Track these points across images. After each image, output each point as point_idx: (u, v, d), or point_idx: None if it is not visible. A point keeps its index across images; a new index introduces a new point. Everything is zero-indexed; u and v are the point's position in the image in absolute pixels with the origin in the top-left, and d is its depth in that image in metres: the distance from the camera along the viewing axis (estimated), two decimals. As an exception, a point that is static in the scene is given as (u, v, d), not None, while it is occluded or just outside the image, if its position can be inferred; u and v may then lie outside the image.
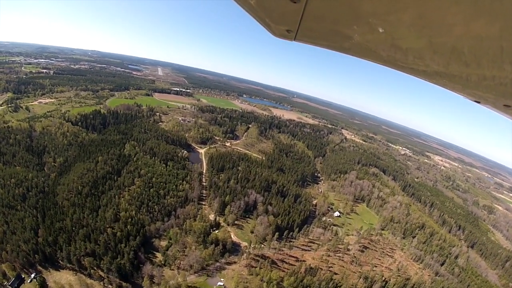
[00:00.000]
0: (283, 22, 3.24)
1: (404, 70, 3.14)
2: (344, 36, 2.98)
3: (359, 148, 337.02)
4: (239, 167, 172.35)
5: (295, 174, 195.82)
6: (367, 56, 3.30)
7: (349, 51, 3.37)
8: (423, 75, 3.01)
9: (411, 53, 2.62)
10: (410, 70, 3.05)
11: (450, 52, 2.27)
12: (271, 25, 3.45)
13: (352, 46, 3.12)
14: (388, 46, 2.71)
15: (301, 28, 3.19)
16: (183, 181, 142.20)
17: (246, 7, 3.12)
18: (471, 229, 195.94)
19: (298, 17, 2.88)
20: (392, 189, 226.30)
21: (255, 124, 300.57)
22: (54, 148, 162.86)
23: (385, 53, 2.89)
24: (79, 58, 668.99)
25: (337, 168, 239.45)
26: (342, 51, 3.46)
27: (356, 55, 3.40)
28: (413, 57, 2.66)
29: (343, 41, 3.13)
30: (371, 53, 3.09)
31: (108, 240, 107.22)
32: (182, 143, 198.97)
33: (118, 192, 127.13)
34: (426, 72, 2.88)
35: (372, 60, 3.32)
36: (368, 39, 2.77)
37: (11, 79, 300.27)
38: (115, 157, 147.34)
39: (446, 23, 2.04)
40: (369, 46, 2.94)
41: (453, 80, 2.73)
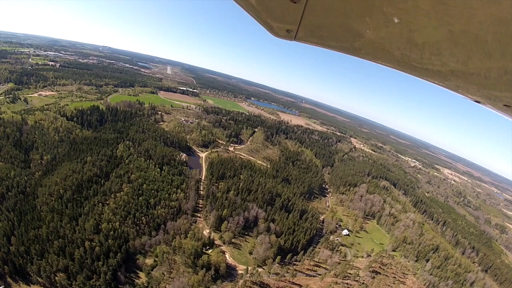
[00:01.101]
0: (283, 22, 3.23)
1: (417, 72, 3.00)
2: (353, 35, 2.86)
3: (369, 159, 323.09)
4: (241, 176, 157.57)
5: (302, 185, 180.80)
6: (378, 57, 3.17)
7: (358, 52, 3.24)
8: (437, 77, 2.87)
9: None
10: (424, 71, 2.88)
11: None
12: (271, 25, 3.45)
13: (363, 45, 2.98)
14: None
15: (301, 28, 3.17)
16: (178, 189, 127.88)
17: (246, 7, 3.11)
18: (485, 251, 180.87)
19: (298, 17, 2.86)
20: (404, 204, 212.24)
21: (261, 128, 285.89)
22: (43, 144, 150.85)
23: (399, 52, 2.75)
24: (88, 53, 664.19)
25: (346, 180, 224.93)
26: (347, 52, 3.40)
27: (366, 56, 3.29)
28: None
29: (351, 40, 3.01)
30: (383, 53, 2.95)
31: (85, 256, 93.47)
32: (182, 145, 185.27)
33: (103, 199, 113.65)
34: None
35: (384, 61, 3.20)
36: (382, 34, 2.60)
37: (15, 69, 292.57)
38: (105, 158, 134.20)
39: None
40: (382, 44, 2.79)
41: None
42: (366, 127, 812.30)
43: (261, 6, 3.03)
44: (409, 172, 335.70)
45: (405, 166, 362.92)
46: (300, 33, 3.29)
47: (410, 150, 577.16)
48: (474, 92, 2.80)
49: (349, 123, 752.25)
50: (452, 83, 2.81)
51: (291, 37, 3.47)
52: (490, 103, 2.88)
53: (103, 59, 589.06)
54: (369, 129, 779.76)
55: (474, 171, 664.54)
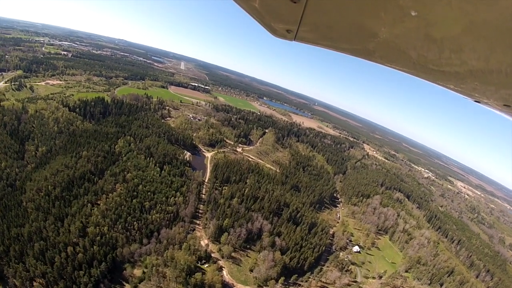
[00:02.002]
0: (283, 22, 3.21)
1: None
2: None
3: (382, 167, 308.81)
4: (248, 181, 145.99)
5: (312, 194, 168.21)
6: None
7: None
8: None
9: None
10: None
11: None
12: (271, 25, 3.44)
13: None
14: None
15: (301, 28, 3.13)
16: (177, 192, 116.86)
17: (246, 7, 3.10)
18: (500, 275, 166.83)
19: (298, 17, 2.82)
20: (418, 219, 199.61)
21: (272, 129, 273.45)
22: (40, 134, 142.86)
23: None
24: (103, 45, 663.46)
25: (359, 189, 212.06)
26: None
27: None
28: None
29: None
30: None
31: (66, 262, 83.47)
32: (187, 143, 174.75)
33: (94, 199, 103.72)
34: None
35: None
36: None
37: (26, 57, 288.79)
38: (102, 154, 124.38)
39: None
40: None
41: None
42: (378, 133, 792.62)
43: (261, 6, 2.96)
44: (422, 183, 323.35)
45: (419, 177, 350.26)
46: (300, 33, 3.25)
47: (422, 160, 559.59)
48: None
49: (361, 128, 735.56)
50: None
51: (291, 37, 3.46)
52: (490, 103, 2.79)
53: (117, 52, 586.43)
54: (382, 135, 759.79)
55: (487, 185, 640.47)
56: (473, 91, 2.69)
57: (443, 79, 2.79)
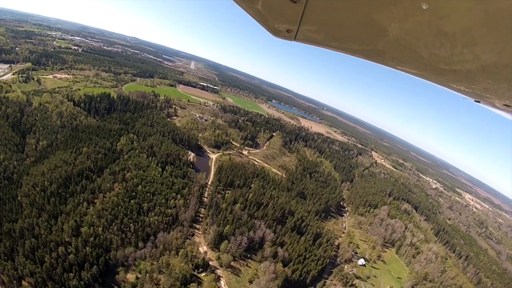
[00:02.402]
0: (283, 22, 3.20)
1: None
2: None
3: (390, 176, 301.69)
4: (252, 185, 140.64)
5: (318, 202, 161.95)
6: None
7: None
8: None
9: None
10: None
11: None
12: (271, 25, 3.42)
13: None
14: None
15: (301, 28, 3.11)
16: (178, 195, 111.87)
17: (246, 7, 3.07)
18: None
19: (298, 17, 2.80)
20: (425, 232, 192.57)
21: (280, 133, 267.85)
22: (42, 128, 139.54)
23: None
24: (115, 42, 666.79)
25: (366, 199, 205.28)
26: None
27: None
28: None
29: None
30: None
31: (56, 263, 79.07)
32: (192, 144, 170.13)
33: (90, 198, 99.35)
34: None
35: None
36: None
37: (36, 50, 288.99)
38: (102, 151, 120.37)
39: None
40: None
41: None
42: (386, 141, 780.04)
43: (260, 6, 2.94)
44: (430, 194, 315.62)
45: (427, 188, 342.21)
46: (300, 33, 3.23)
47: (431, 170, 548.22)
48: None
49: (369, 135, 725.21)
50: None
51: (291, 37, 3.44)
52: (493, 102, 2.71)
53: (128, 49, 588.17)
54: (390, 143, 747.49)
55: (494, 198, 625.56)
56: (485, 91, 2.56)
57: (454, 80, 2.68)
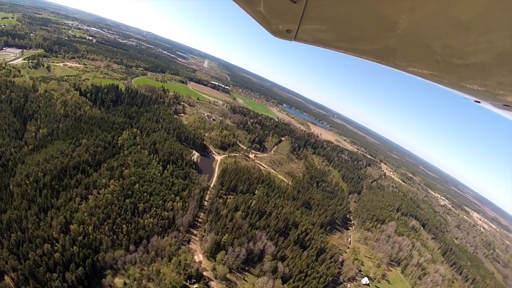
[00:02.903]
0: (283, 22, 3.17)
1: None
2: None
3: (399, 190, 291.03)
4: (256, 191, 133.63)
5: (324, 213, 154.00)
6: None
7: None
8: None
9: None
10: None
11: None
12: (271, 25, 3.41)
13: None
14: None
15: (301, 28, 3.08)
16: (177, 196, 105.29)
17: (245, 7, 3.05)
18: None
19: (298, 17, 2.77)
20: (432, 252, 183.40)
21: (289, 138, 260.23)
22: (45, 116, 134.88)
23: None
24: (130, 35, 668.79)
25: (374, 213, 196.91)
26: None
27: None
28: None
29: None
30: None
31: (40, 260, 73.13)
32: (197, 143, 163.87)
33: (84, 193, 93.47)
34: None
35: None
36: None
37: (50, 37, 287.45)
38: (102, 144, 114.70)
39: None
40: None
41: None
42: (395, 153, 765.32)
43: (260, 6, 2.91)
44: (438, 211, 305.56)
45: (435, 204, 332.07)
46: (300, 33, 3.20)
47: (439, 186, 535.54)
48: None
49: (378, 145, 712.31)
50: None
51: (291, 37, 3.42)
52: (490, 102, 2.64)
53: (143, 43, 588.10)
54: (399, 155, 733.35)
55: (502, 219, 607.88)
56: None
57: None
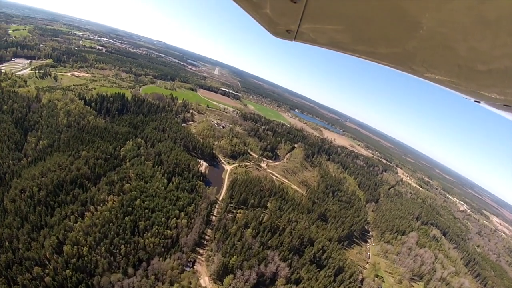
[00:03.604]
0: (283, 22, 3.15)
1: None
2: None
3: (417, 196, 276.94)
4: (268, 204, 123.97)
5: (341, 226, 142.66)
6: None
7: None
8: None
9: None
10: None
11: None
12: (271, 25, 3.39)
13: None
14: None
15: (301, 28, 3.07)
16: (182, 212, 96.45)
17: (245, 7, 3.05)
18: None
19: (298, 17, 2.77)
20: (455, 263, 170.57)
21: (302, 145, 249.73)
22: (46, 126, 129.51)
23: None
24: (141, 44, 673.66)
25: (393, 223, 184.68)
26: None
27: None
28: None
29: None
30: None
31: (29, 284, 65.44)
32: (205, 152, 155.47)
33: (80, 210, 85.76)
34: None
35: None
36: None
37: (60, 48, 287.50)
38: (103, 156, 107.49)
39: None
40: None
41: None
42: (410, 156, 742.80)
43: (260, 6, 2.92)
44: (458, 217, 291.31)
45: (454, 210, 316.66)
46: (300, 34, 3.18)
47: (456, 189, 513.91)
48: None
49: (393, 149, 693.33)
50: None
51: (291, 37, 3.41)
52: (490, 103, 2.58)
53: (154, 52, 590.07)
54: (414, 159, 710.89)
55: None
56: None
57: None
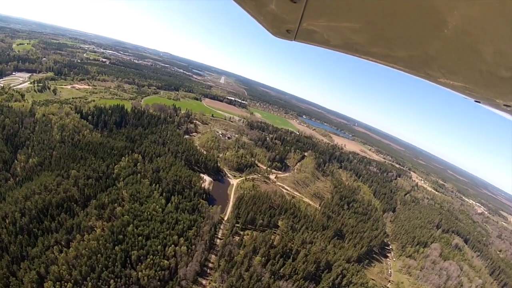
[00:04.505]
0: (283, 22, 3.14)
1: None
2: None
3: (434, 202, 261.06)
4: (279, 223, 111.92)
5: (360, 243, 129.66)
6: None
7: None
8: None
9: None
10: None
11: None
12: (271, 25, 3.39)
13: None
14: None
15: (301, 28, 3.06)
16: (181, 238, 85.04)
17: (246, 7, 3.04)
18: None
19: (298, 17, 2.77)
20: (480, 273, 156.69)
21: (312, 153, 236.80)
22: (38, 142, 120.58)
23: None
24: (147, 56, 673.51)
25: (414, 234, 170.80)
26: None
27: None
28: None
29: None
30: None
31: None
32: (209, 166, 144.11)
33: (65, 239, 75.19)
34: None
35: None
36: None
37: (63, 60, 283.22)
38: (94, 175, 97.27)
39: None
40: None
41: None
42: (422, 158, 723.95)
43: (260, 6, 2.93)
44: (477, 221, 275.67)
45: (472, 213, 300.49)
46: (300, 33, 3.17)
47: (471, 190, 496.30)
48: None
49: (404, 152, 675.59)
50: None
51: (291, 37, 3.40)
52: (490, 103, 2.52)
53: (159, 63, 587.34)
54: (426, 161, 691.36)
55: None
56: None
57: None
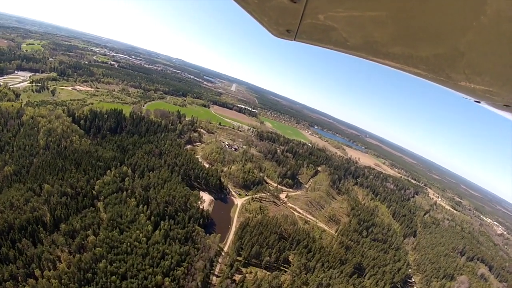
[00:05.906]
0: (283, 22, 3.17)
1: None
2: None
3: (455, 223, 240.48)
4: (290, 259, 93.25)
5: (382, 279, 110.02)
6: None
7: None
8: None
9: None
10: None
11: None
12: (271, 25, 3.42)
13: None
14: None
15: (301, 28, 3.07)
16: (167, 278, 67.45)
17: (246, 7, 3.03)
18: None
19: (298, 17, 2.77)
20: None
21: (326, 168, 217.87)
22: (18, 148, 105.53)
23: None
24: (158, 61, 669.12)
25: (438, 264, 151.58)
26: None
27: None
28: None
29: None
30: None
31: None
32: (211, 182, 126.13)
33: (22, 274, 58.54)
34: None
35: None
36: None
37: (69, 62, 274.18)
38: (71, 192, 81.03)
39: None
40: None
41: None
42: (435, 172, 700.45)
43: (260, 6, 2.93)
44: (498, 244, 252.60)
45: (492, 234, 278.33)
46: (301, 33, 3.19)
47: (486, 207, 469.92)
48: None
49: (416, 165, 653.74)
50: None
51: (291, 37, 3.42)
52: (490, 103, 2.49)
53: (170, 68, 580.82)
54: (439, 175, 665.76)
55: None
56: None
57: None
